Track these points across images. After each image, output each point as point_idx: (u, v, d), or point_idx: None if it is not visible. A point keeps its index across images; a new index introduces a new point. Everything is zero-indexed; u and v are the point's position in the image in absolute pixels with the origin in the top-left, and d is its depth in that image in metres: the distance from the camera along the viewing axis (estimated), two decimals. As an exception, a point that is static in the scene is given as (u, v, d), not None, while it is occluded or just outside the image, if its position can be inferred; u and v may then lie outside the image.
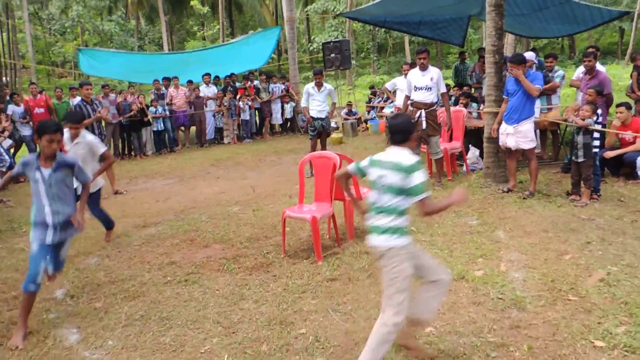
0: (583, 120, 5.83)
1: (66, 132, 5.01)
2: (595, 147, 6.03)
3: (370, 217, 2.97)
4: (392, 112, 9.87)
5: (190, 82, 13.44)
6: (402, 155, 2.88)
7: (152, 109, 12.22)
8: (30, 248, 3.75)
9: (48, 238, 3.72)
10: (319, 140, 8.69)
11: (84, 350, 3.44)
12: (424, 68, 6.97)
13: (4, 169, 8.10)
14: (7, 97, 11.11)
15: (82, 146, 5.19)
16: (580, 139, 5.88)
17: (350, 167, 3.18)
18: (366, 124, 14.07)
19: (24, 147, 11.06)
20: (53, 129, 3.61)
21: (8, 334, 3.68)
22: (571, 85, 8.28)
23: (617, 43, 32.70)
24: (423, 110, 6.93)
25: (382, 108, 13.40)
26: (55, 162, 3.70)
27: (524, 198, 6.21)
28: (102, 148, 5.26)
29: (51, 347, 3.36)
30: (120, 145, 12.13)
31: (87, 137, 5.26)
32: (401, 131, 2.96)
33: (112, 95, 11.78)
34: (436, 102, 7.09)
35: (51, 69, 33.98)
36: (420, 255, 3.03)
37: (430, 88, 6.93)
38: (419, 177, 2.79)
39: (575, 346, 3.12)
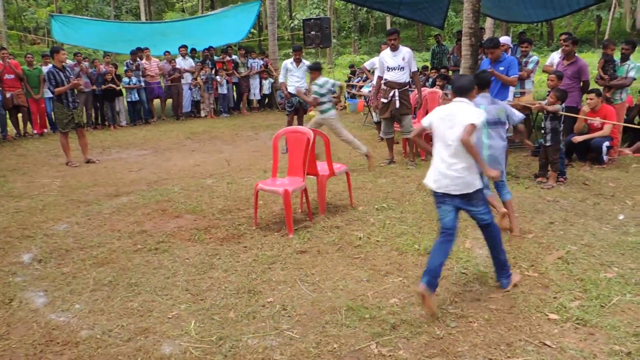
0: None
1: None
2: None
3: None
4: (369, 91, 9.88)
5: (167, 53, 13.20)
6: None
7: (125, 79, 11.99)
8: None
9: None
10: (295, 117, 8.69)
11: (50, 312, 3.44)
12: (394, 48, 7.03)
13: None
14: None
15: None
16: (548, 124, 6.01)
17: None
18: (345, 102, 14.08)
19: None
20: None
21: None
22: (544, 71, 8.40)
23: (594, 32, 33.13)
24: (396, 90, 6.99)
25: (361, 87, 13.39)
26: None
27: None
28: None
29: (16, 309, 3.36)
30: (93, 114, 11.91)
31: None
32: None
33: (85, 64, 11.54)
34: (409, 82, 7.15)
35: (23, 35, 32.85)
36: None
37: (403, 68, 7.00)
38: None
39: (531, 318, 3.25)
